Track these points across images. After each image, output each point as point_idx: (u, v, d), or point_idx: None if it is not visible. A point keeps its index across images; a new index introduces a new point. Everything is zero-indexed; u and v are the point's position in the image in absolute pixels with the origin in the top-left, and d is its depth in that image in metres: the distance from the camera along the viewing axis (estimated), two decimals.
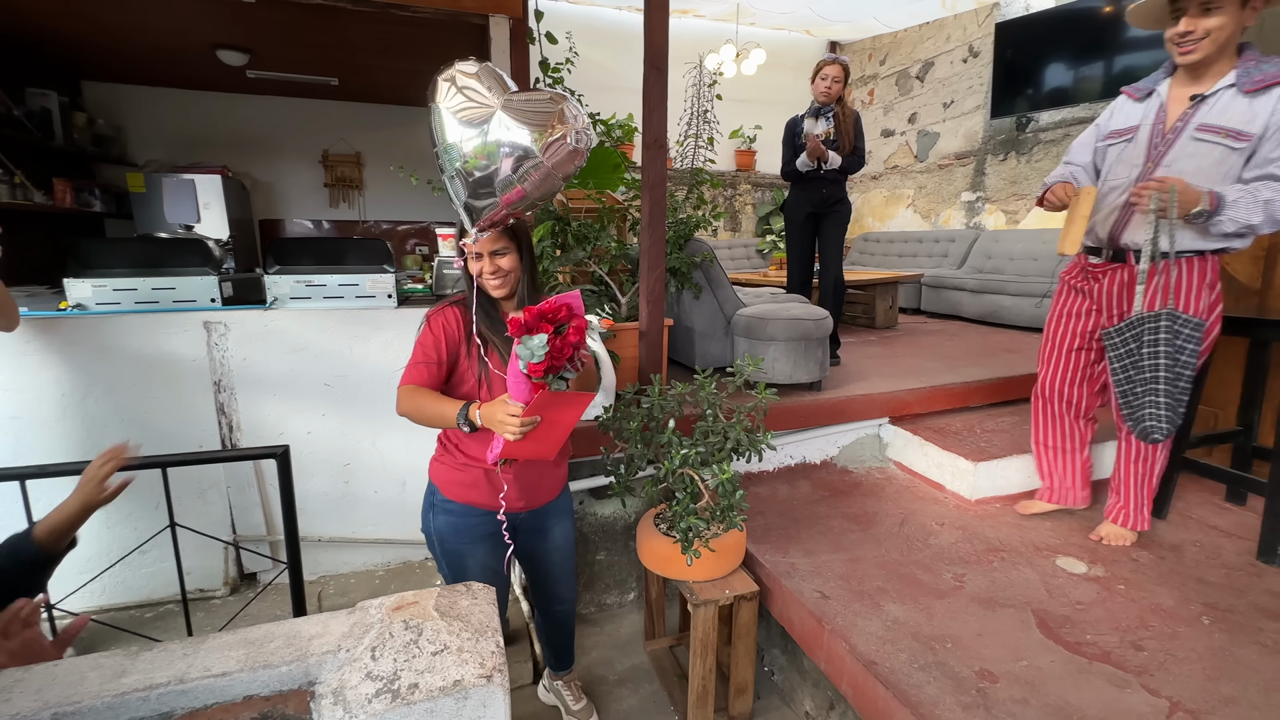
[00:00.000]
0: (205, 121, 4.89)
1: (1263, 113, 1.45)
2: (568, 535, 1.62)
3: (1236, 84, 1.49)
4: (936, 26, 5.56)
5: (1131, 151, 1.66)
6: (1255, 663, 1.39)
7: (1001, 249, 4.69)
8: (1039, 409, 2.06)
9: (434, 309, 1.39)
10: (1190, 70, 1.56)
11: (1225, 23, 1.45)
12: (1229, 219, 1.46)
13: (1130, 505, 1.88)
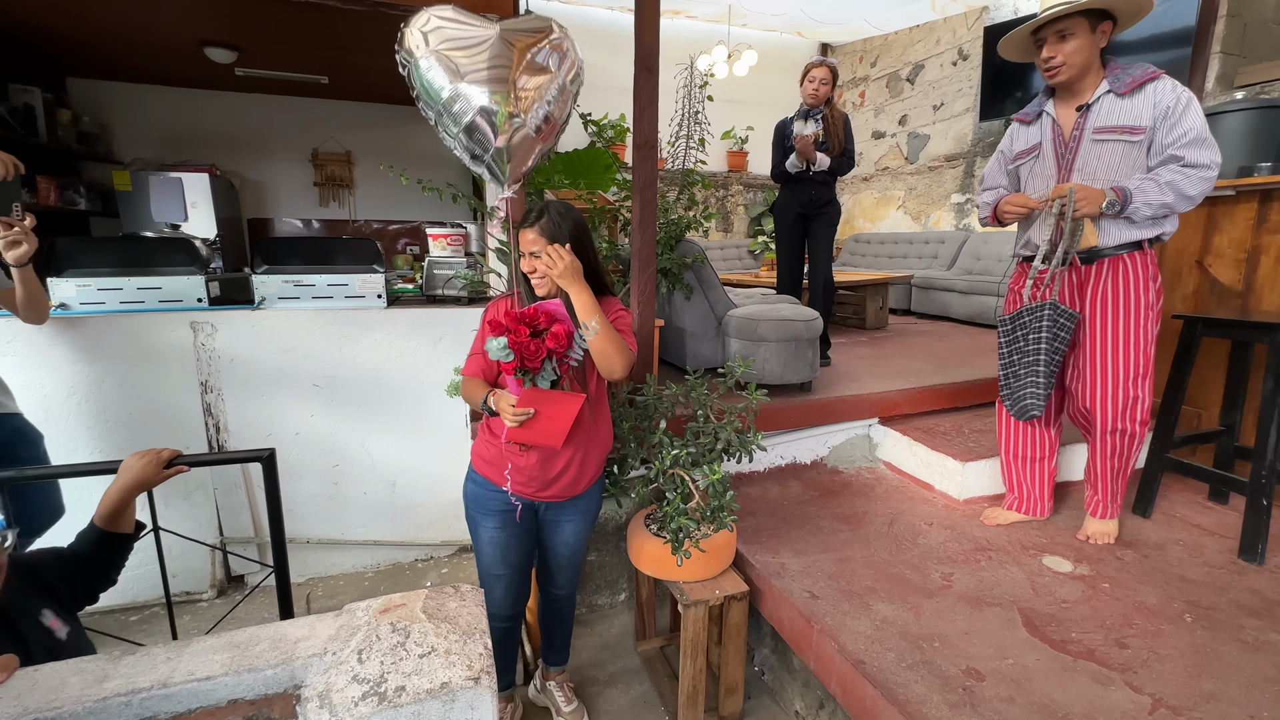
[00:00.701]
0: (193, 119, 4.84)
1: (1144, 107, 1.63)
2: (579, 534, 1.65)
3: (1112, 89, 1.67)
4: (926, 29, 5.60)
5: (1041, 166, 1.81)
6: (1236, 659, 1.42)
7: (991, 251, 4.73)
8: (1005, 417, 2.06)
9: (496, 298, 1.52)
10: (1066, 88, 1.74)
11: (1080, 45, 1.64)
12: (1143, 204, 1.61)
13: (1106, 496, 1.94)
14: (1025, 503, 2.08)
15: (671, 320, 2.76)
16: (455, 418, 2.38)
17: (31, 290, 1.61)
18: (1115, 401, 1.79)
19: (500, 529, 1.54)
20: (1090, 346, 1.81)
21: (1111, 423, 1.81)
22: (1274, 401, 1.78)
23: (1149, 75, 1.64)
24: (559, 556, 1.67)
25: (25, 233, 1.50)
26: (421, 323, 2.32)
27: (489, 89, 1.39)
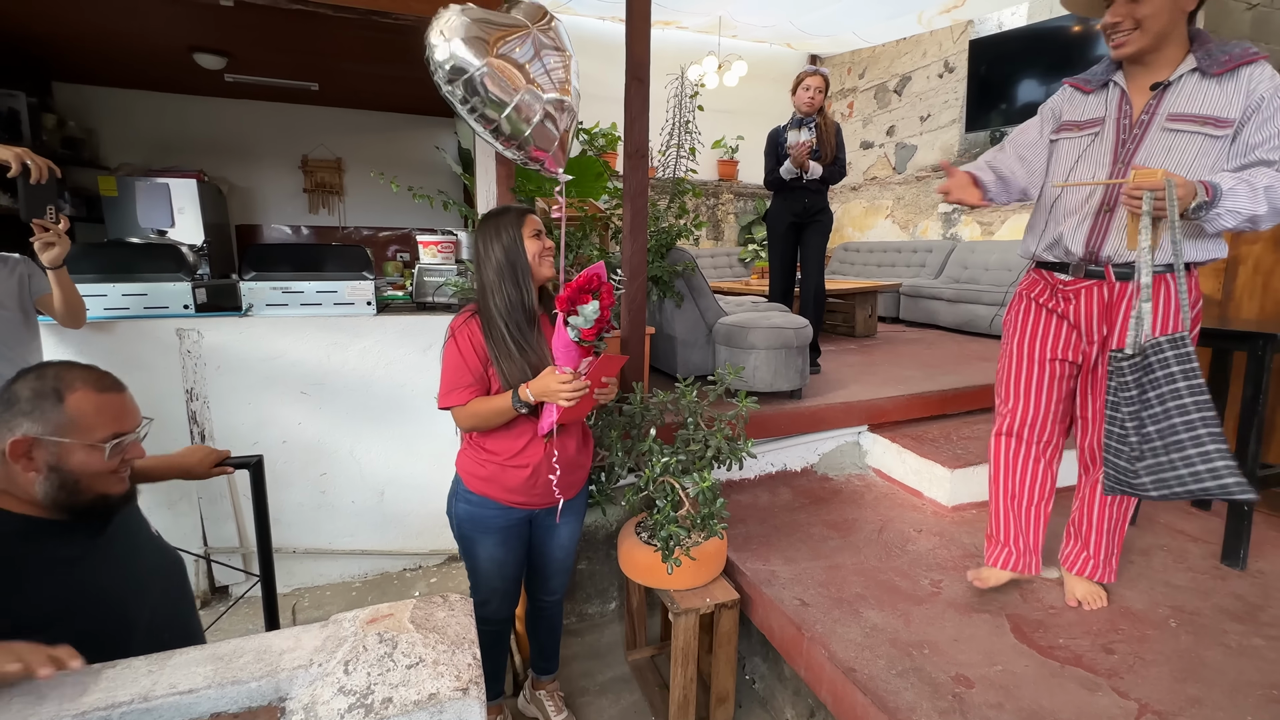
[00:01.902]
0: (181, 125, 4.81)
1: (1236, 95, 1.29)
2: (574, 535, 1.66)
3: (1200, 67, 1.31)
4: (913, 42, 5.69)
5: (1097, 148, 1.43)
6: (1220, 664, 1.43)
7: (977, 259, 4.79)
8: (1007, 451, 1.68)
9: (458, 322, 1.42)
10: (1140, 62, 1.37)
11: (1159, 9, 1.28)
12: (1227, 210, 1.23)
13: (1100, 555, 1.64)
14: (1020, 558, 1.69)
15: (662, 328, 2.77)
16: (445, 425, 2.36)
17: (68, 293, 1.65)
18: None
19: (501, 545, 1.53)
20: None
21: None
22: (1253, 409, 1.81)
23: (1248, 56, 1.29)
24: (554, 561, 1.66)
25: (59, 235, 1.53)
26: (411, 330, 2.31)
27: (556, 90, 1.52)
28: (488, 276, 1.39)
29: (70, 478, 0.91)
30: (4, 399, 0.90)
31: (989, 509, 1.74)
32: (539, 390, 1.33)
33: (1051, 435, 1.64)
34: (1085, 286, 1.48)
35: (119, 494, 0.98)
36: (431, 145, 5.42)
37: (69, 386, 0.91)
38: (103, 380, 0.96)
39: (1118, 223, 1.39)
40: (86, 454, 0.91)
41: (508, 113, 1.53)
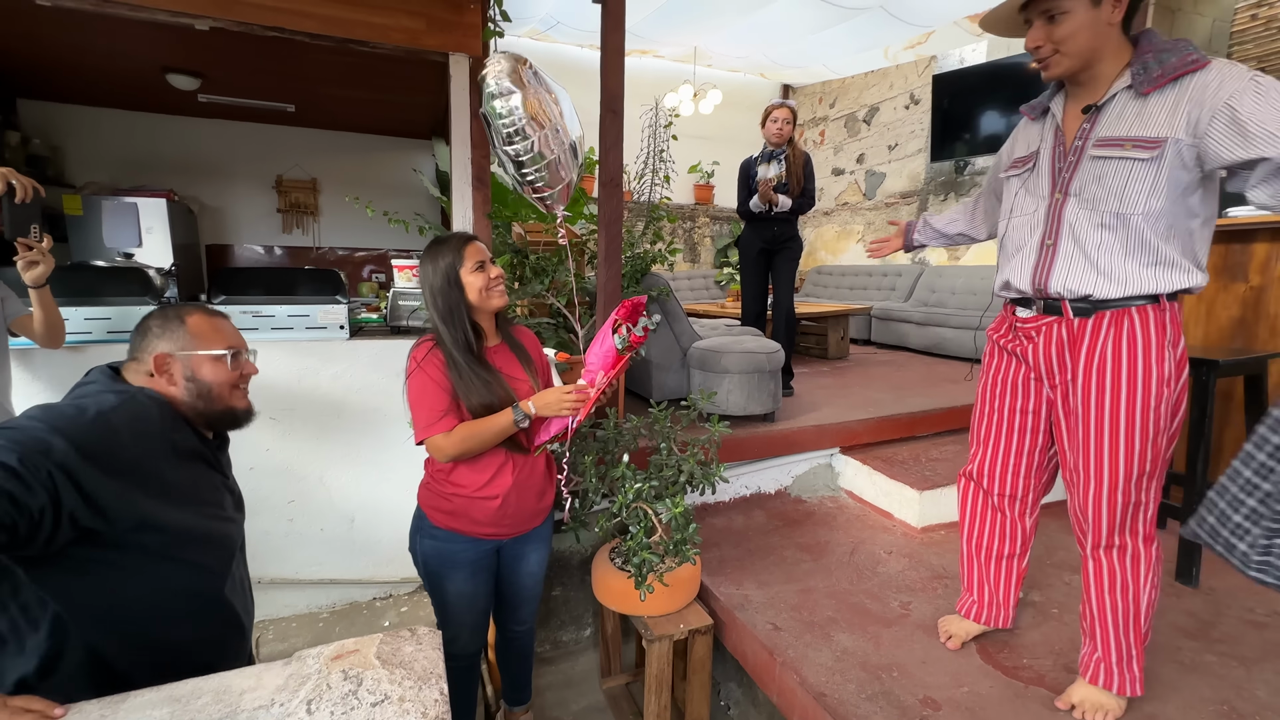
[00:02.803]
0: (151, 144, 4.74)
1: (1176, 110, 1.14)
2: (542, 562, 1.65)
3: (1132, 84, 1.20)
4: (880, 75, 5.92)
5: (1035, 181, 1.36)
6: (1174, 680, 1.48)
7: (944, 283, 4.94)
8: (972, 499, 1.60)
9: (421, 353, 1.40)
10: (1075, 80, 1.29)
11: (1076, 30, 1.19)
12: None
13: (1113, 656, 1.34)
14: (987, 611, 1.61)
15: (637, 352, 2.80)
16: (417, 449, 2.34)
17: (49, 313, 1.64)
18: (1111, 506, 1.29)
19: (470, 579, 1.50)
20: (1081, 429, 1.31)
21: (1106, 536, 1.31)
22: (1199, 431, 1.90)
23: (1186, 65, 1.13)
24: (524, 589, 1.65)
25: (43, 254, 1.53)
26: (385, 355, 2.30)
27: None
28: (432, 313, 1.39)
29: (205, 386, 1.09)
30: (138, 332, 1.10)
31: (959, 554, 1.67)
32: (543, 404, 1.37)
33: (1017, 489, 1.51)
34: (1045, 324, 1.36)
35: (244, 409, 1.16)
36: (409, 167, 5.42)
37: (187, 313, 1.12)
38: (209, 308, 1.16)
39: (1062, 255, 1.29)
40: (213, 364, 1.10)
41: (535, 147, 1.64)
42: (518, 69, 1.67)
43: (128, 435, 0.95)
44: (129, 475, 0.93)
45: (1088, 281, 1.26)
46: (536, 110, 1.67)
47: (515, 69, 1.67)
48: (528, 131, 1.67)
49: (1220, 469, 2.26)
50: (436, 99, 3.53)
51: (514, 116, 1.66)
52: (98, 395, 0.99)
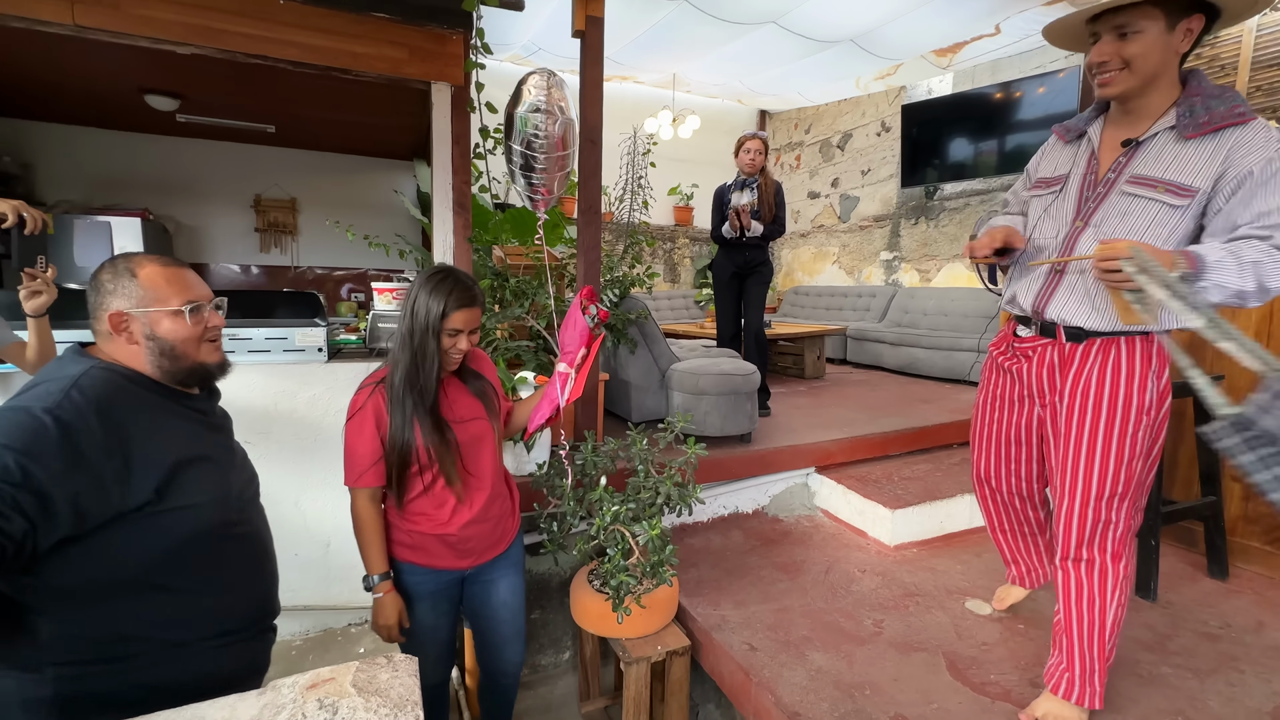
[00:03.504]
0: (127, 162, 4.70)
1: (1212, 162, 1.17)
2: (516, 591, 1.59)
3: (1176, 126, 1.21)
4: (853, 103, 6.12)
5: (1060, 206, 1.38)
6: (1133, 693, 1.53)
7: (916, 304, 5.08)
8: (984, 496, 1.73)
9: (361, 397, 1.37)
10: (1123, 107, 1.30)
11: (1148, 50, 1.18)
12: (1213, 284, 1.10)
13: (1076, 668, 1.38)
14: (1029, 577, 1.80)
15: (617, 373, 2.83)
16: None
17: (45, 343, 1.62)
18: (1081, 522, 1.34)
19: (431, 610, 1.49)
20: (1062, 447, 1.37)
21: (1075, 549, 1.37)
22: None
23: (1234, 117, 1.15)
24: (500, 623, 1.58)
25: (47, 284, 1.54)
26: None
27: None
28: (402, 341, 1.34)
29: (166, 344, 1.02)
30: (92, 288, 1.02)
31: (993, 539, 1.83)
32: (382, 609, 1.40)
33: (1020, 489, 1.63)
34: (1040, 345, 1.42)
35: (215, 362, 1.10)
36: (390, 188, 5.44)
37: (139, 265, 1.03)
38: (166, 259, 1.07)
39: (1065, 286, 1.35)
40: (172, 320, 1.02)
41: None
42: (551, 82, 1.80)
43: (81, 425, 0.88)
44: (91, 467, 0.88)
45: (1081, 314, 1.32)
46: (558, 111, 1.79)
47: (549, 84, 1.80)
48: (549, 133, 1.78)
49: (1175, 485, 2.36)
50: (419, 121, 3.57)
51: (543, 130, 1.77)
52: (45, 388, 0.92)
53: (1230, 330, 1.02)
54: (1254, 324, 2.15)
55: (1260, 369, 0.99)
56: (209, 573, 1.04)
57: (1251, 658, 1.67)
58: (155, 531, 0.96)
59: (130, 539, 0.94)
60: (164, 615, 1.00)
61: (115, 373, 0.98)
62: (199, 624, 1.04)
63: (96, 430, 0.90)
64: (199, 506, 1.01)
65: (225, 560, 1.07)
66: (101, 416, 0.91)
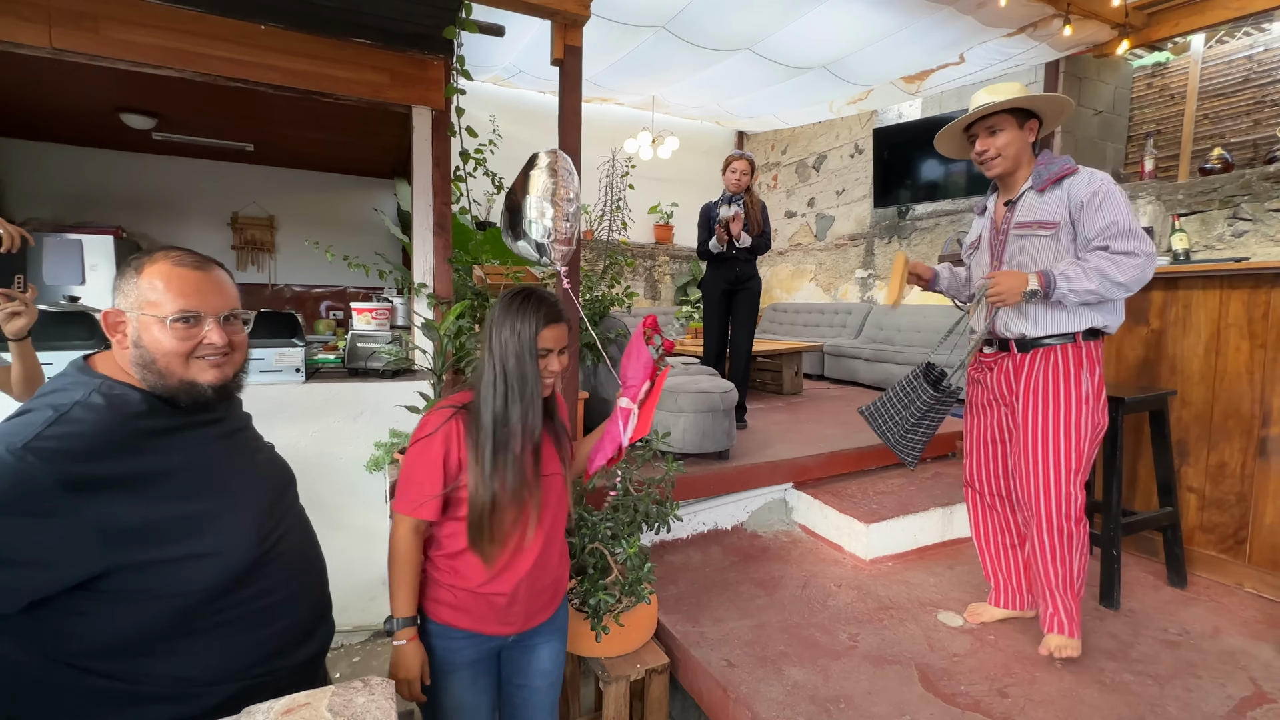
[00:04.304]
0: (100, 179, 4.64)
1: (1060, 203, 1.66)
2: (557, 657, 1.41)
3: (1033, 186, 1.74)
4: (827, 126, 6.30)
5: (981, 256, 1.92)
6: (1097, 701, 1.58)
7: (891, 321, 5.20)
8: (971, 500, 2.03)
9: (437, 419, 1.20)
10: (1003, 182, 1.83)
11: (1009, 139, 1.72)
12: (1068, 290, 1.57)
13: (1061, 610, 1.77)
14: (1004, 596, 1.98)
15: (596, 392, 2.86)
16: (373, 493, 2.32)
17: (29, 365, 1.56)
18: (1047, 497, 1.71)
19: (471, 684, 1.28)
20: (1024, 438, 1.74)
21: (1046, 520, 1.72)
22: (1112, 462, 2.07)
23: (1065, 171, 1.68)
24: (536, 692, 1.38)
25: (26, 304, 1.48)
26: (341, 398, 2.29)
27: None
28: (494, 378, 1.19)
29: (148, 355, 0.90)
30: (118, 274, 0.93)
31: (978, 553, 2.05)
32: (403, 658, 1.21)
33: (999, 488, 1.94)
34: (1000, 358, 1.84)
35: (209, 382, 0.94)
36: (370, 206, 5.44)
37: (151, 260, 0.91)
38: (185, 257, 0.93)
39: (1000, 310, 1.79)
40: (158, 329, 0.89)
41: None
42: (553, 169, 1.80)
43: (39, 483, 0.78)
44: (72, 511, 0.79)
45: (1019, 325, 1.75)
46: (561, 199, 1.79)
47: (550, 173, 1.79)
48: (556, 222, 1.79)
49: (1135, 497, 2.45)
50: (399, 140, 3.60)
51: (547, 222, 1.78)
52: (26, 418, 0.84)
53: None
54: (1204, 340, 2.26)
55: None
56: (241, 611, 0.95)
57: (1208, 663, 1.73)
58: (166, 588, 0.87)
59: (128, 605, 0.86)
60: (203, 660, 0.93)
61: (109, 400, 0.88)
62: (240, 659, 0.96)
63: (56, 495, 0.78)
64: (209, 555, 0.91)
65: (263, 591, 0.98)
66: (66, 483, 0.79)
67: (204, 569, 0.90)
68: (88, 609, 0.84)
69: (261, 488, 1.04)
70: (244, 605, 0.95)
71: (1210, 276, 2.24)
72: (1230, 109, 3.95)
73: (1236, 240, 3.53)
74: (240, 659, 0.96)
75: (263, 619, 0.98)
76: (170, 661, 0.90)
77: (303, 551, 1.10)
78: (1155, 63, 4.40)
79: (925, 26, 3.58)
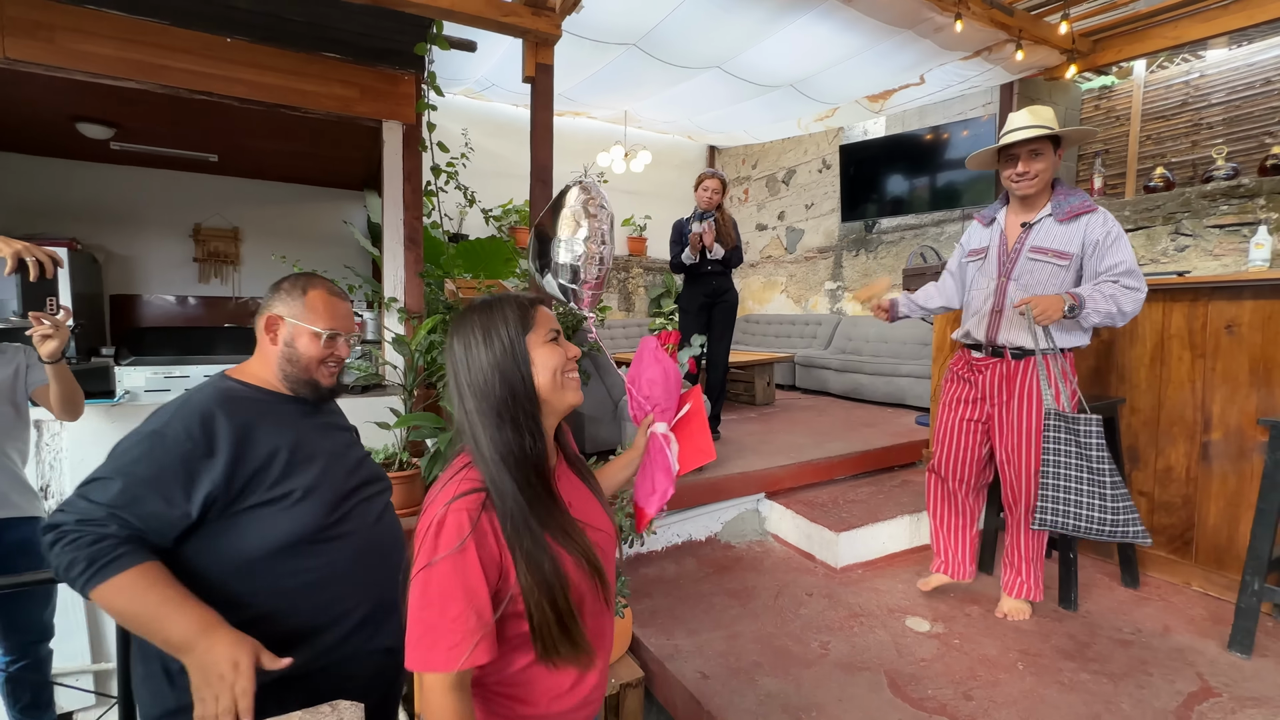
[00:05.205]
0: (54, 190, 4.48)
1: (1076, 237, 1.86)
2: None
3: (1053, 214, 1.91)
4: (795, 141, 6.45)
5: (987, 266, 2.05)
6: (1056, 700, 1.64)
7: (859, 332, 5.32)
8: (934, 486, 2.24)
9: (458, 518, 0.80)
10: (1022, 201, 1.98)
11: (1048, 164, 1.90)
12: (1092, 310, 1.76)
13: (1030, 578, 2.04)
14: (950, 567, 2.23)
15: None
16: None
17: (65, 387, 1.63)
18: (1029, 484, 1.95)
19: None
20: (1014, 433, 1.96)
21: (1026, 502, 1.97)
22: None
23: (1086, 208, 1.86)
24: None
25: (58, 326, 1.50)
26: None
27: None
28: (471, 414, 0.87)
29: (296, 354, 1.17)
30: (271, 288, 1.20)
31: (929, 530, 2.28)
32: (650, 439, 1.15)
33: (964, 476, 2.16)
34: (991, 363, 2.04)
35: (327, 385, 1.22)
36: (339, 218, 5.36)
37: (312, 285, 1.20)
38: (334, 288, 1.24)
39: (1005, 320, 1.99)
40: (309, 339, 1.17)
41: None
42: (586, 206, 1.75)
43: (181, 435, 1.02)
44: (190, 468, 1.00)
45: (1021, 338, 1.95)
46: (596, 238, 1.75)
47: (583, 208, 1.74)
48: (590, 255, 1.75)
49: None
50: (369, 153, 3.57)
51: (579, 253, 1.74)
52: (164, 411, 1.08)
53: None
54: (1149, 350, 2.37)
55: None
56: (302, 571, 1.09)
57: (1158, 660, 1.81)
58: (253, 528, 1.04)
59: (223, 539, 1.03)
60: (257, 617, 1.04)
61: (228, 383, 1.15)
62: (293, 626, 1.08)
63: (198, 438, 1.02)
64: (296, 495, 1.08)
65: (321, 558, 1.11)
66: (203, 426, 1.03)
67: (279, 521, 1.06)
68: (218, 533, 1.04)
69: (339, 471, 1.19)
70: (308, 573, 1.10)
71: (1154, 290, 2.37)
72: (1170, 131, 4.18)
73: (1179, 254, 3.72)
74: (304, 617, 1.09)
75: (323, 586, 1.11)
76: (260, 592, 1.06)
77: (377, 547, 1.21)
78: (1102, 86, 4.63)
79: (887, 49, 3.71)
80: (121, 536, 0.94)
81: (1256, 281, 2.10)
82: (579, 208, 1.71)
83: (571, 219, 1.71)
